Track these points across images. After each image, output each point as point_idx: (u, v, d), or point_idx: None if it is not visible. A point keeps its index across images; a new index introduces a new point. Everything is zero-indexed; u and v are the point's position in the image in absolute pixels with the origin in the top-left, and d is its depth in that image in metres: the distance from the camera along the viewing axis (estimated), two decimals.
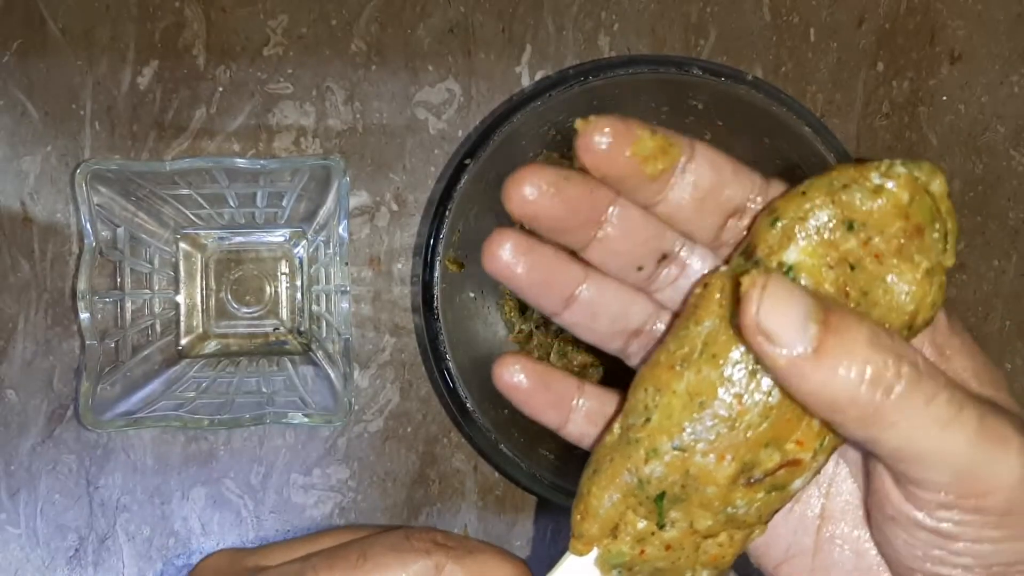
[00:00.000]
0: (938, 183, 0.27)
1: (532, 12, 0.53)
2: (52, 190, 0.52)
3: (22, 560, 0.52)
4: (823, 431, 0.28)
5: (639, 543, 0.29)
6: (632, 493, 0.29)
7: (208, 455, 0.53)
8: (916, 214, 0.27)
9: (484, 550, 0.29)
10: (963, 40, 0.54)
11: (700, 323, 0.28)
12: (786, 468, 0.28)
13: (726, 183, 0.29)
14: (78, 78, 0.52)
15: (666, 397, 0.28)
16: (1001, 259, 0.55)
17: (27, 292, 0.52)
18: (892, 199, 0.27)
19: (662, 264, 0.30)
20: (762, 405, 0.28)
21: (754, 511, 0.29)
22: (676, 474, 0.28)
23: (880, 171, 0.27)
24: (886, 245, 0.27)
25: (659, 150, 0.28)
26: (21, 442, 0.52)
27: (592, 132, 0.28)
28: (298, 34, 0.53)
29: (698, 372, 0.28)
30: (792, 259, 0.27)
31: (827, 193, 0.27)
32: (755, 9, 0.54)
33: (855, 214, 0.27)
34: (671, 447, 0.28)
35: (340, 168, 0.47)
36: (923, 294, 0.28)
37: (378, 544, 0.28)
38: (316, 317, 0.53)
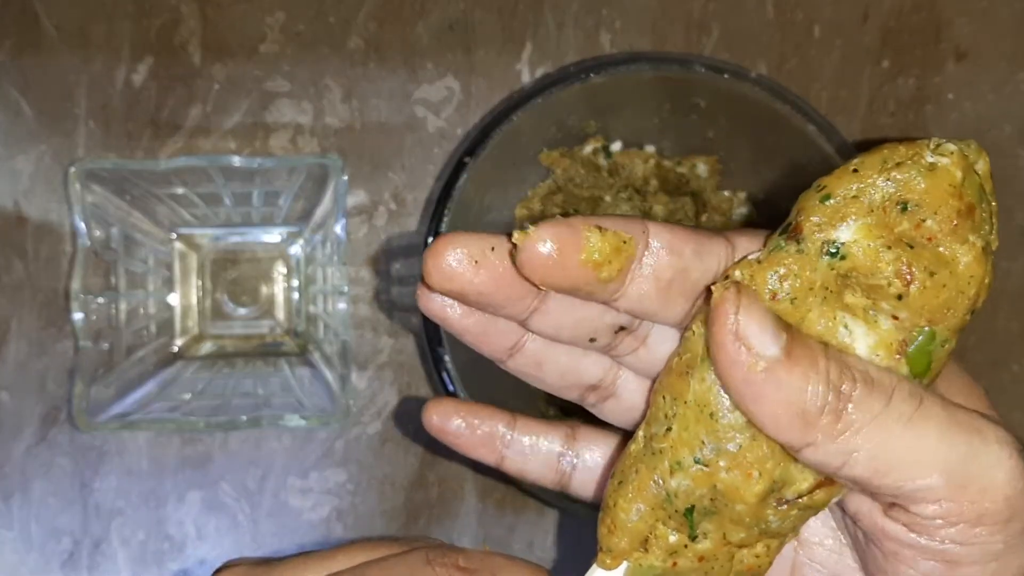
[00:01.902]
0: (983, 162, 0.27)
1: (532, 9, 0.53)
2: (46, 189, 0.52)
3: (16, 564, 0.52)
4: None
5: (671, 556, 0.28)
6: (661, 506, 0.28)
7: (204, 458, 0.52)
8: (968, 193, 0.26)
9: (507, 568, 0.27)
10: (969, 37, 0.54)
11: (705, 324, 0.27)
12: (823, 488, 0.27)
13: (690, 267, 0.26)
14: (72, 76, 0.52)
15: (680, 408, 0.27)
16: (1007, 260, 0.54)
17: (20, 292, 0.52)
18: (946, 177, 0.26)
19: (620, 335, 0.28)
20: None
21: (788, 524, 0.28)
22: (703, 488, 0.27)
23: (931, 148, 0.26)
24: (939, 226, 0.26)
25: (612, 250, 0.25)
26: (14, 445, 0.52)
27: (533, 244, 0.24)
28: (295, 31, 0.52)
29: (701, 381, 0.27)
30: (845, 237, 0.26)
31: (880, 171, 0.26)
32: (758, 6, 0.53)
33: (910, 194, 0.26)
34: (693, 461, 0.27)
35: (338, 167, 0.46)
36: (982, 274, 0.27)
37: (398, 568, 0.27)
38: (313, 318, 0.52)
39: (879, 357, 0.27)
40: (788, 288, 0.26)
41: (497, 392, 0.49)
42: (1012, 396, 0.54)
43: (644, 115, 0.49)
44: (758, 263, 0.27)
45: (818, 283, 0.26)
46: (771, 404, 0.25)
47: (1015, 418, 0.54)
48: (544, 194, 0.51)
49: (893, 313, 0.26)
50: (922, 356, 0.27)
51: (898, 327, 0.27)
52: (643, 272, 0.26)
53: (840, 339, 0.27)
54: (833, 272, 0.26)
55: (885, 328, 0.27)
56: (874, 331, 0.27)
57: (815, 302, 0.26)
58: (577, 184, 0.50)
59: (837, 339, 0.27)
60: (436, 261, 0.25)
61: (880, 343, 0.27)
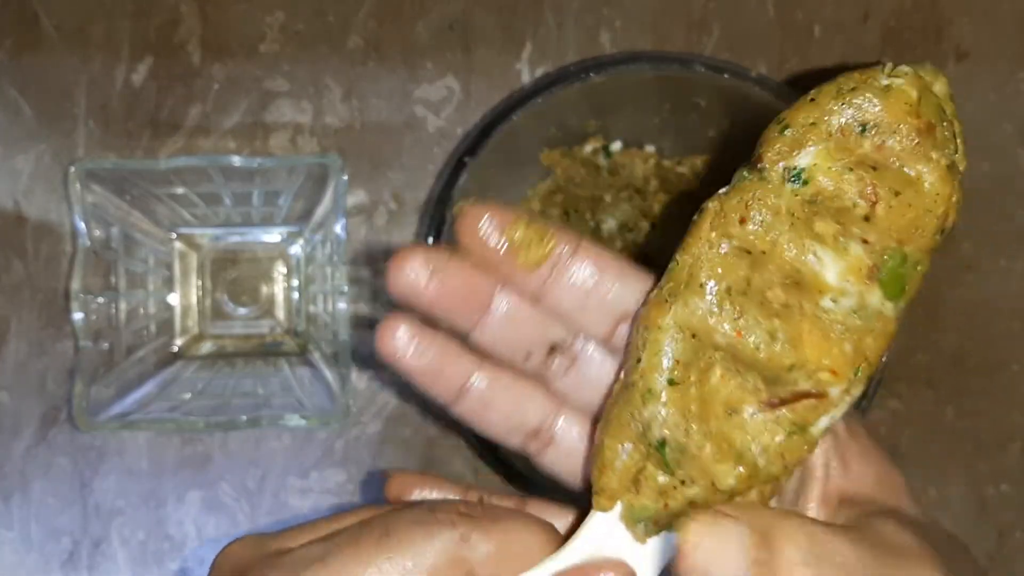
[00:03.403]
0: (940, 83, 0.27)
1: (532, 8, 0.53)
2: (46, 189, 0.52)
3: (16, 564, 0.52)
4: (857, 357, 0.28)
5: (662, 496, 0.29)
6: (640, 440, 0.29)
7: (203, 458, 0.52)
8: (926, 111, 0.27)
9: (510, 516, 0.28)
10: (969, 37, 0.54)
11: (687, 252, 0.28)
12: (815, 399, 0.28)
13: (609, 285, 0.29)
14: (72, 76, 0.52)
15: (653, 333, 0.28)
16: (1008, 259, 0.54)
17: (20, 292, 0.52)
18: (902, 97, 0.27)
19: (553, 354, 0.30)
20: (764, 330, 0.27)
21: (777, 459, 0.28)
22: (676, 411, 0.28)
23: (886, 72, 0.27)
24: (901, 146, 0.27)
25: (533, 240, 0.29)
26: (14, 445, 0.52)
27: (469, 215, 0.29)
28: (295, 30, 0.52)
29: (685, 304, 0.28)
30: (804, 164, 0.27)
31: (836, 97, 0.27)
32: (759, 5, 0.53)
33: (866, 116, 0.27)
34: (665, 383, 0.28)
35: (337, 166, 0.46)
36: (949, 192, 0.27)
37: (402, 519, 0.27)
38: (313, 318, 0.52)
39: (849, 283, 0.27)
40: (755, 214, 0.27)
41: None
42: (1012, 396, 0.54)
43: (644, 115, 0.49)
44: (725, 195, 0.28)
45: (783, 209, 0.27)
46: None
47: (1014, 419, 0.54)
48: (544, 194, 0.51)
49: (863, 237, 0.27)
50: (895, 279, 0.27)
51: (868, 251, 0.27)
52: (567, 277, 0.29)
53: (810, 267, 0.27)
54: (798, 199, 0.27)
55: (855, 254, 0.27)
56: (843, 257, 0.27)
57: (783, 228, 0.27)
58: (577, 184, 0.50)
59: (806, 266, 0.27)
60: (399, 268, 0.28)
61: (850, 268, 0.27)
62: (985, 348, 0.54)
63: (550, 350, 0.30)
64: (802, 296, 0.27)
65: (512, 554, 0.27)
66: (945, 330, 0.54)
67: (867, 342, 0.28)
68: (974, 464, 0.54)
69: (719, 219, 0.28)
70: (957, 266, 0.54)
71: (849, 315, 0.27)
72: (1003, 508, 0.54)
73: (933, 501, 0.53)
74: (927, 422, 0.54)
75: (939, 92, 0.27)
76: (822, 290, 0.27)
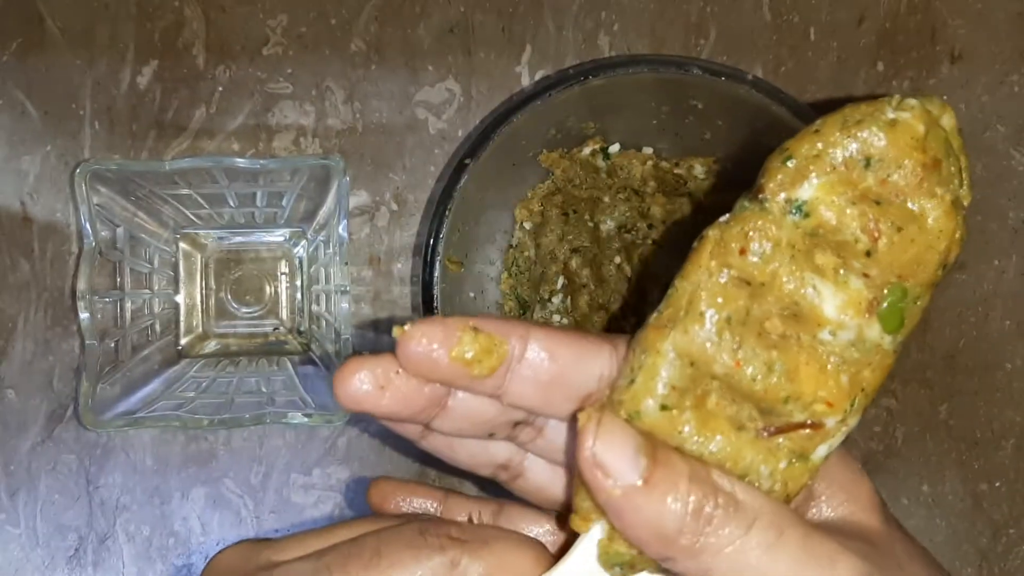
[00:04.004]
0: (948, 117, 0.27)
1: (532, 11, 0.53)
2: (52, 190, 0.52)
3: (22, 560, 0.52)
4: (853, 389, 0.27)
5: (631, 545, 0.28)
6: None
7: (208, 455, 0.53)
8: (932, 147, 0.26)
9: (500, 539, 0.28)
10: (963, 39, 0.54)
11: (687, 279, 0.27)
12: (811, 429, 0.27)
13: (568, 372, 0.28)
14: (77, 77, 0.52)
15: (651, 357, 0.27)
16: (1001, 259, 0.54)
17: (27, 292, 0.52)
18: (908, 131, 0.26)
19: (517, 428, 0.30)
20: (762, 361, 0.27)
21: (779, 485, 0.27)
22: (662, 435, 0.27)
23: (892, 105, 0.26)
24: (905, 181, 0.26)
25: (483, 350, 0.27)
26: (21, 442, 0.52)
27: (409, 341, 0.26)
28: (297, 33, 0.53)
29: (684, 332, 0.27)
30: (806, 196, 0.26)
31: (842, 129, 0.26)
32: (755, 9, 0.54)
33: (871, 150, 0.26)
34: (656, 407, 0.27)
35: (340, 168, 0.47)
36: (953, 227, 0.27)
37: (392, 541, 0.27)
38: (316, 317, 0.53)
39: (848, 316, 0.27)
40: (755, 245, 0.27)
41: None
42: (1006, 395, 0.54)
43: (642, 117, 0.49)
44: (726, 224, 0.27)
45: (784, 241, 0.27)
46: (631, 524, 0.26)
47: (1008, 417, 0.54)
48: (543, 195, 0.51)
49: (863, 271, 0.27)
50: (894, 313, 0.27)
51: (869, 285, 0.27)
52: (523, 373, 0.27)
53: (809, 300, 0.27)
54: (799, 231, 0.27)
55: (855, 288, 0.27)
56: (843, 291, 0.27)
57: (783, 260, 0.27)
58: (576, 185, 0.51)
59: (805, 299, 0.27)
60: (345, 383, 0.27)
61: (849, 303, 0.27)
62: (979, 347, 0.54)
63: (515, 425, 0.30)
64: (800, 328, 0.27)
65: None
66: (939, 329, 0.54)
67: (864, 374, 0.27)
68: (968, 462, 0.54)
69: (719, 248, 0.27)
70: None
71: (847, 348, 0.27)
72: (997, 505, 0.54)
73: (927, 498, 0.54)
74: (921, 420, 0.54)
75: (946, 126, 0.27)
76: (820, 323, 0.27)
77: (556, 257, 0.51)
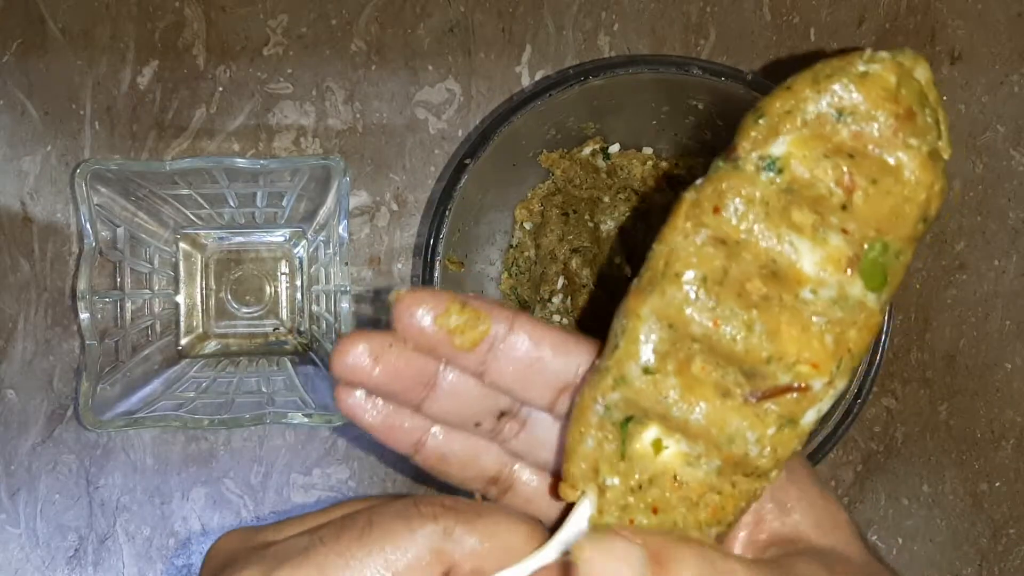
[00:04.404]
0: (922, 69, 0.27)
1: (532, 12, 0.53)
2: (52, 190, 0.52)
3: (22, 560, 0.52)
4: (839, 349, 0.27)
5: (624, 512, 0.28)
6: (601, 426, 0.28)
7: (208, 455, 0.53)
8: (905, 98, 0.26)
9: (495, 511, 0.28)
10: (963, 40, 0.54)
11: (664, 242, 0.27)
12: (798, 393, 0.27)
13: (547, 359, 0.29)
14: (78, 78, 0.52)
15: (631, 321, 0.27)
16: (1001, 259, 0.54)
17: (27, 292, 0.52)
18: (880, 83, 0.26)
19: (502, 420, 0.31)
20: (742, 321, 0.26)
21: (769, 451, 0.27)
22: (648, 401, 0.27)
23: (864, 58, 0.26)
24: (879, 133, 0.26)
25: (467, 324, 0.29)
26: (21, 442, 0.52)
27: (402, 304, 0.29)
28: (298, 34, 0.53)
29: (662, 295, 0.27)
30: (778, 152, 0.26)
31: (812, 84, 0.26)
32: (755, 9, 0.54)
33: (843, 103, 0.26)
34: (640, 371, 0.27)
35: (340, 168, 0.47)
36: (931, 179, 0.26)
37: (385, 512, 0.28)
38: (316, 317, 0.53)
39: (827, 272, 0.26)
40: (729, 204, 0.26)
41: None
42: (1006, 395, 0.54)
43: (642, 117, 0.49)
44: (700, 185, 0.27)
45: (758, 198, 0.26)
46: None
47: (1008, 416, 0.54)
48: (543, 195, 0.51)
49: (842, 226, 0.26)
50: (876, 269, 0.26)
51: (848, 241, 0.26)
52: (505, 353, 0.29)
53: (787, 256, 0.26)
54: (774, 188, 0.26)
55: (834, 244, 0.26)
56: (821, 247, 0.26)
57: (758, 217, 0.26)
58: (576, 185, 0.51)
59: (783, 256, 0.26)
60: (341, 356, 0.29)
61: (828, 259, 0.26)
62: (978, 347, 0.54)
63: (499, 415, 0.31)
64: (781, 287, 0.26)
65: (496, 548, 0.27)
66: (939, 329, 0.54)
67: (850, 334, 0.27)
68: (968, 461, 0.54)
69: (694, 209, 0.27)
70: (950, 266, 0.54)
71: (830, 307, 0.27)
72: (997, 505, 0.54)
73: (927, 498, 0.54)
74: (921, 420, 0.54)
75: (921, 78, 0.26)
76: (800, 281, 0.26)
77: (556, 257, 0.51)
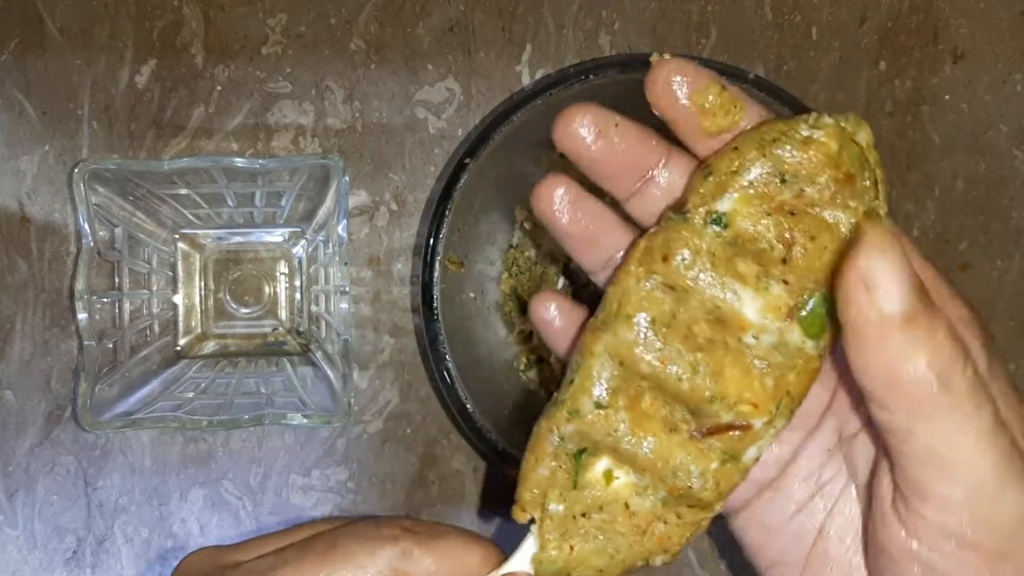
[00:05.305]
0: (864, 133, 0.28)
1: (532, 11, 0.53)
2: (50, 190, 0.52)
3: (19, 562, 0.52)
4: (778, 391, 0.28)
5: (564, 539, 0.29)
6: (555, 455, 0.29)
7: (207, 456, 0.53)
8: (845, 162, 0.28)
9: (451, 533, 0.29)
10: (966, 39, 0.54)
11: (618, 285, 0.29)
12: (739, 431, 0.28)
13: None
14: (76, 77, 0.52)
15: (586, 358, 0.29)
16: (1004, 259, 0.54)
17: (24, 292, 0.52)
18: (822, 149, 0.27)
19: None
20: (687, 362, 0.28)
21: (711, 484, 0.29)
22: (600, 434, 0.29)
23: (808, 123, 0.28)
24: (820, 194, 0.28)
25: (722, 108, 0.28)
26: (19, 443, 0.52)
27: (662, 70, 0.28)
28: (297, 33, 0.53)
29: (615, 334, 0.28)
30: (724, 208, 0.28)
31: (758, 147, 0.28)
32: (756, 8, 0.54)
33: (786, 166, 0.28)
34: (592, 405, 0.29)
35: (339, 167, 0.47)
36: None
37: (347, 534, 0.28)
38: (315, 317, 0.53)
39: (768, 320, 0.28)
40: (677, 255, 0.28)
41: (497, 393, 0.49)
42: None
43: (643, 117, 0.49)
44: (652, 232, 0.29)
45: (704, 249, 0.28)
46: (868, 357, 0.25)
47: None
48: None
49: (782, 277, 0.28)
50: (814, 319, 0.28)
51: (788, 291, 0.28)
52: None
53: (730, 304, 0.28)
54: (720, 240, 0.28)
55: (775, 293, 0.28)
56: (763, 296, 0.28)
57: (704, 267, 0.28)
58: None
59: (726, 303, 0.28)
60: (567, 123, 0.28)
61: (768, 307, 0.28)
62: None
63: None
64: (726, 332, 0.28)
65: (452, 569, 0.28)
66: None
67: (789, 378, 0.28)
68: None
69: (646, 256, 0.29)
70: (953, 266, 0.54)
71: (770, 351, 0.28)
72: None
73: None
74: None
75: (862, 142, 0.28)
76: (743, 327, 0.28)
77: (556, 257, 0.51)
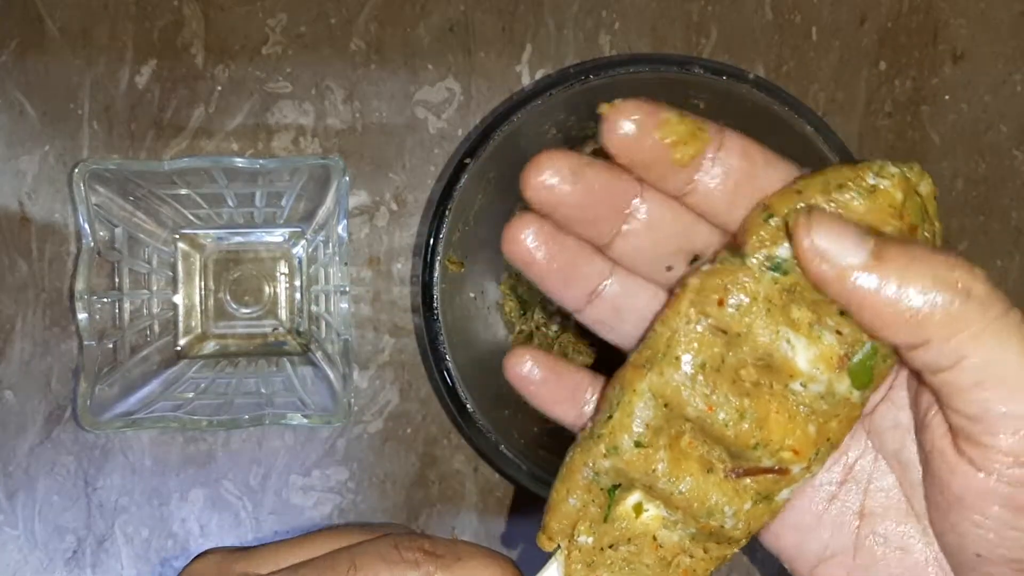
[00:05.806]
0: (926, 184, 0.28)
1: (532, 11, 0.53)
2: (50, 190, 0.52)
3: (20, 562, 0.52)
4: (819, 439, 0.28)
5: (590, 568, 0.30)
6: (588, 488, 0.29)
7: (207, 456, 0.53)
8: (909, 214, 0.27)
9: (472, 555, 0.28)
10: (965, 39, 0.54)
11: (666, 324, 0.28)
12: (777, 475, 0.28)
13: (758, 172, 0.28)
14: (76, 77, 0.52)
15: (628, 395, 0.28)
16: (1004, 259, 0.54)
17: (25, 292, 0.52)
18: (887, 199, 0.27)
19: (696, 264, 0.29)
20: (734, 407, 0.28)
21: (742, 524, 0.29)
22: (638, 472, 0.28)
23: (874, 171, 0.27)
24: None
25: (688, 135, 0.27)
26: (19, 443, 0.52)
27: (617, 115, 0.26)
28: (297, 33, 0.53)
29: (660, 374, 0.28)
30: (785, 255, 0.27)
31: (823, 192, 0.27)
32: (757, 8, 0.54)
33: (851, 214, 0.27)
34: (631, 443, 0.28)
35: (339, 168, 0.47)
36: None
37: (367, 554, 0.28)
38: (315, 317, 0.53)
39: (819, 370, 0.28)
40: (733, 298, 0.27)
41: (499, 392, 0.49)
42: None
43: None
44: (706, 272, 0.28)
45: (761, 295, 0.27)
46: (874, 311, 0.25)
47: None
48: None
49: (836, 328, 0.27)
50: (863, 369, 0.28)
51: (840, 341, 0.27)
52: (714, 168, 0.27)
53: (782, 352, 0.27)
54: (777, 287, 0.27)
55: (827, 343, 0.27)
56: (815, 345, 0.27)
57: (759, 313, 0.27)
58: None
59: (779, 352, 0.28)
60: (536, 173, 0.27)
61: (820, 357, 0.27)
62: None
63: (691, 260, 0.29)
64: (773, 377, 0.28)
65: None
66: None
67: (831, 425, 0.28)
68: None
69: (699, 297, 0.28)
70: None
71: (816, 399, 0.28)
72: None
73: None
74: None
75: (924, 193, 0.28)
76: (793, 374, 0.28)
77: None
